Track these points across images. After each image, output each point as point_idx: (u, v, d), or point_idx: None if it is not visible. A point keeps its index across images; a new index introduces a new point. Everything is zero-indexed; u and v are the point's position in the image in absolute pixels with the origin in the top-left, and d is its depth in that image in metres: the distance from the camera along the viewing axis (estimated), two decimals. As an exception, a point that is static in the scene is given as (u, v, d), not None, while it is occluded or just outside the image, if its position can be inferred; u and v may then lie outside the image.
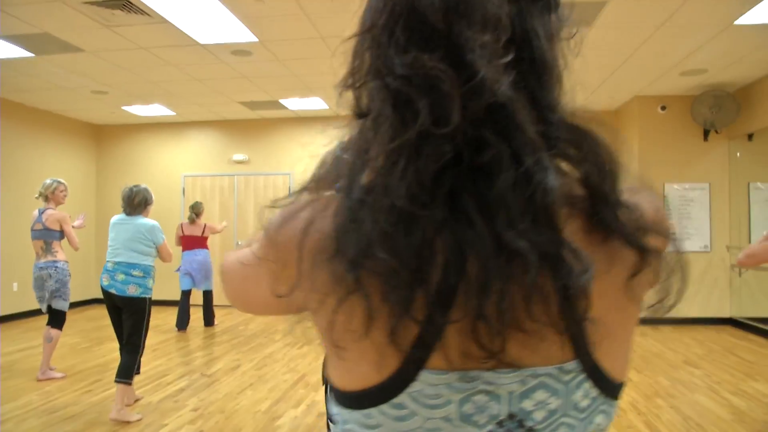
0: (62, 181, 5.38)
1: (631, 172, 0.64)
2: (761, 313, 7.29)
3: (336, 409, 0.61)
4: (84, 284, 9.04)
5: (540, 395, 0.56)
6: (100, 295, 4.28)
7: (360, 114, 0.61)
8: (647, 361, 5.74)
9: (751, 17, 4.96)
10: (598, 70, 6.64)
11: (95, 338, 6.83)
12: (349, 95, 0.62)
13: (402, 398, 0.55)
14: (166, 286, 8.27)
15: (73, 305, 8.71)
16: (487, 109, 0.52)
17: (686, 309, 7.83)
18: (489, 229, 0.50)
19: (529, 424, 0.56)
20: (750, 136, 7.67)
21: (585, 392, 0.57)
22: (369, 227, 0.52)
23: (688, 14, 4.88)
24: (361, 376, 0.57)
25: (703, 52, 5.96)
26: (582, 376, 0.56)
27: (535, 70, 0.56)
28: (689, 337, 6.90)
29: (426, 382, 0.54)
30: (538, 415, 0.56)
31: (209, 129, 9.71)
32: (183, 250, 7.40)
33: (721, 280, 7.87)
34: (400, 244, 0.51)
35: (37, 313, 8.32)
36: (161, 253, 4.32)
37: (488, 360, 0.52)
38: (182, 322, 7.30)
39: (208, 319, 7.62)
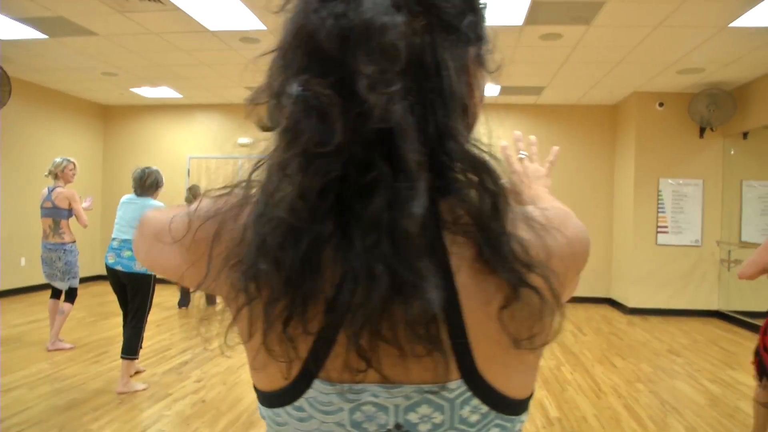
0: (72, 159, 5.55)
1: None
2: (747, 307, 7.49)
3: (259, 407, 0.68)
4: (90, 261, 9.25)
5: (424, 410, 0.59)
6: (104, 272, 4.46)
7: (263, 128, 0.64)
8: (632, 348, 5.97)
9: (745, 20, 5.11)
10: (597, 66, 6.81)
11: (100, 313, 7.06)
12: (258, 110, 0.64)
13: (301, 402, 0.60)
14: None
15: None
16: (377, 133, 0.53)
17: (675, 301, 8.07)
18: (364, 248, 0.53)
19: None
20: (745, 135, 7.84)
21: (473, 408, 0.59)
22: (256, 239, 0.56)
23: (683, 16, 5.04)
24: (269, 378, 0.62)
25: (699, 52, 6.12)
26: (468, 394, 0.58)
27: (442, 99, 0.57)
28: (676, 328, 7.12)
29: (319, 390, 0.59)
30: (423, 428, 0.59)
31: (215, 112, 9.88)
32: None
33: (710, 274, 8.08)
34: (282, 256, 0.54)
35: (43, 287, 8.56)
36: None
37: (363, 375, 0.56)
38: (184, 300, 7.53)
39: (210, 298, 7.74)
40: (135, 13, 5.47)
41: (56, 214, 5.28)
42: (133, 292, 4.30)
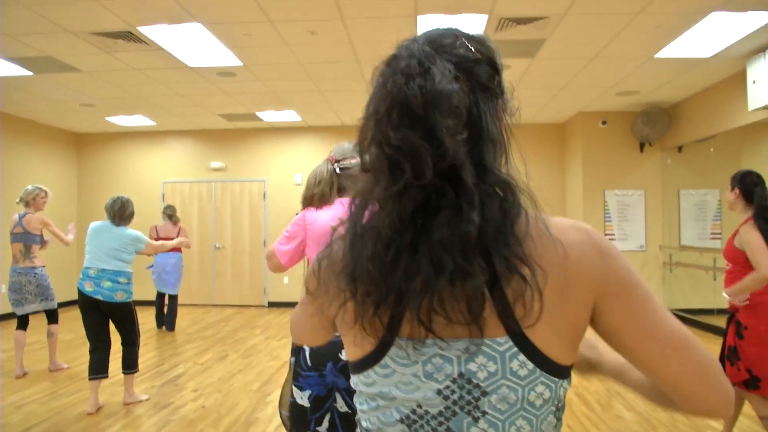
0: (43, 187, 5.70)
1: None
2: (690, 305, 8.24)
3: (352, 378, 0.87)
4: (68, 287, 9.50)
5: (481, 359, 0.75)
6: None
7: (365, 169, 0.81)
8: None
9: (667, 52, 5.85)
10: (543, 91, 7.51)
11: (87, 334, 7.35)
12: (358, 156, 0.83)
13: (386, 360, 0.79)
14: (141, 287, 8.85)
15: (59, 305, 9.19)
16: (449, 168, 0.74)
17: (624, 302, 8.76)
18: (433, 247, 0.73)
19: (475, 381, 0.75)
20: (680, 148, 8.65)
21: (520, 363, 0.75)
22: (362, 250, 0.78)
23: (614, 49, 5.75)
24: (362, 349, 0.82)
25: (632, 78, 6.87)
26: (515, 349, 0.75)
27: (482, 141, 0.78)
28: (625, 327, 7.79)
29: (399, 347, 0.78)
30: (481, 375, 0.75)
31: (187, 138, 10.28)
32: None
33: (655, 276, 8.84)
34: (375, 262, 0.76)
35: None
36: (147, 251, 4.74)
37: (428, 334, 0.76)
38: (161, 322, 7.77)
39: (171, 324, 7.67)
40: (120, 53, 5.91)
41: (27, 239, 5.44)
42: (120, 320, 4.48)
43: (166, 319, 7.67)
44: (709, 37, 5.37)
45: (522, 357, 0.74)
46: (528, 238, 0.77)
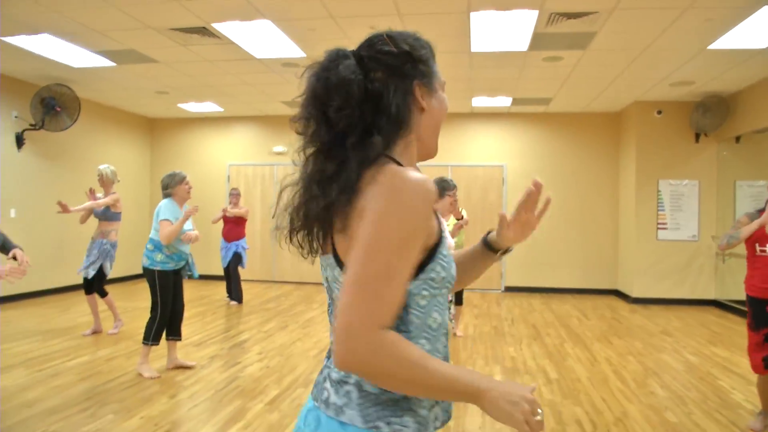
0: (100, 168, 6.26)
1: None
2: (742, 296, 8.24)
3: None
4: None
5: (327, 272, 1.16)
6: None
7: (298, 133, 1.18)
8: (630, 330, 6.80)
9: (720, 44, 5.92)
10: (597, 81, 7.65)
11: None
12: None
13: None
14: (211, 261, 9.53)
15: (131, 277, 10.00)
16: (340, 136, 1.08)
17: (675, 291, 8.86)
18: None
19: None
20: (737, 139, 8.61)
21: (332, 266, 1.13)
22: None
23: (665, 42, 5.87)
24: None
25: (686, 69, 6.93)
26: (333, 260, 1.12)
27: (378, 113, 1.08)
28: (674, 315, 7.92)
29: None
30: (331, 280, 1.15)
31: (252, 123, 10.87)
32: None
33: (707, 266, 8.86)
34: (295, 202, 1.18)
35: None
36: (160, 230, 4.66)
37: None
38: (235, 295, 8.40)
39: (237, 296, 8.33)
40: (195, 46, 6.44)
41: (105, 216, 6.16)
42: (148, 286, 4.78)
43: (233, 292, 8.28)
44: (763, 28, 5.42)
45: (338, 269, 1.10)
46: (366, 184, 1.02)
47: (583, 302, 8.90)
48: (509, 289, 10.08)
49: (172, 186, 4.79)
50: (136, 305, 7.79)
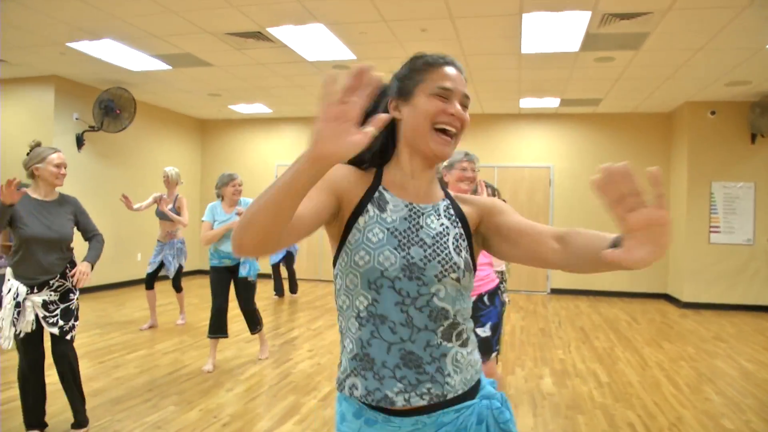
0: (166, 169, 6.57)
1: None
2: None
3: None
4: (192, 258, 10.58)
5: None
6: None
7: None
8: (681, 335, 6.68)
9: (779, 43, 5.77)
10: (648, 81, 7.52)
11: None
12: None
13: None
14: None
15: (194, 272, 10.25)
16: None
17: (728, 296, 8.63)
18: None
19: None
20: (795, 140, 8.35)
21: None
22: None
23: (722, 41, 5.75)
24: None
25: (743, 68, 6.76)
26: None
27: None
28: (726, 320, 7.73)
29: None
30: None
31: (300, 124, 11.05)
32: None
33: (763, 270, 8.61)
34: None
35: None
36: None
37: None
38: (279, 290, 8.81)
39: (291, 287, 8.98)
40: (249, 50, 6.62)
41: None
42: None
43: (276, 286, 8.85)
44: (825, 27, 5.27)
45: None
46: None
47: (632, 306, 8.76)
48: (555, 291, 9.99)
49: (220, 187, 4.96)
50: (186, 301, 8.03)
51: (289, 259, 8.66)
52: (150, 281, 6.39)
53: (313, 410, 3.93)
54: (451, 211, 1.30)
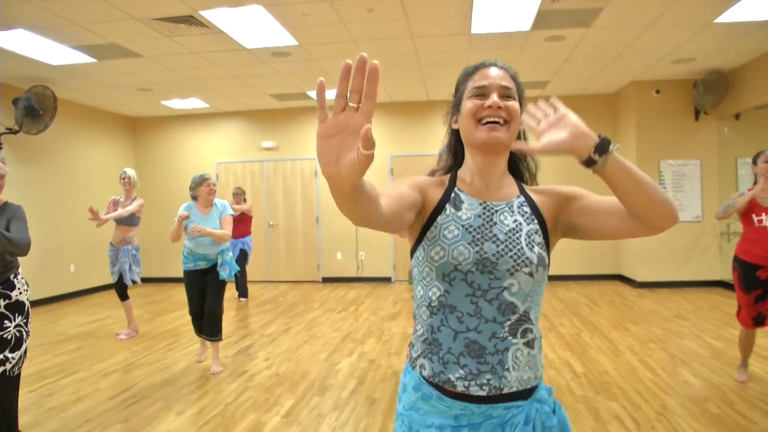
0: (125, 170, 6.22)
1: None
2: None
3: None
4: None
5: None
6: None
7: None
8: (643, 316, 6.61)
9: (728, 16, 5.71)
10: (597, 61, 7.41)
11: (162, 309, 7.70)
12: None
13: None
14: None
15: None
16: None
17: (680, 273, 8.70)
18: None
19: None
20: (737, 116, 8.45)
21: None
22: None
23: (673, 15, 5.64)
24: None
25: (689, 45, 6.72)
26: None
27: None
28: (682, 297, 7.76)
29: None
30: None
31: (239, 119, 10.51)
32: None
33: (712, 246, 8.71)
34: None
35: (92, 291, 9.25)
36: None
37: None
38: (242, 292, 8.51)
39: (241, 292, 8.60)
40: (181, 37, 6.09)
41: (128, 221, 6.16)
42: None
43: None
44: (772, -2, 5.22)
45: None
46: None
47: (588, 288, 8.71)
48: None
49: (194, 188, 4.87)
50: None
51: (242, 258, 8.11)
52: (122, 291, 6.10)
53: (277, 429, 3.55)
54: (525, 208, 1.35)
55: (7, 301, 2.87)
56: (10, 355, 2.84)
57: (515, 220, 1.30)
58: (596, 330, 5.97)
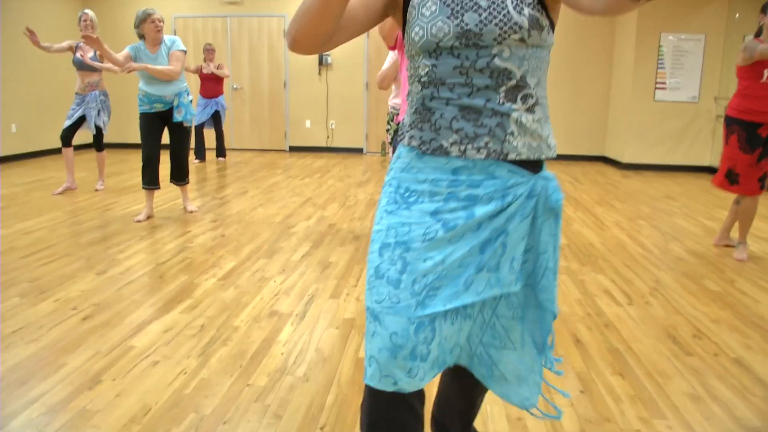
0: (84, 11, 5.40)
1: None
2: (739, 162, 7.64)
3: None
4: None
5: None
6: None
7: None
8: (630, 195, 6.14)
9: None
10: None
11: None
12: None
13: None
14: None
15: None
16: None
17: (669, 156, 8.20)
18: None
19: None
20: (752, -15, 7.61)
21: None
22: None
23: None
24: None
25: None
26: None
27: None
28: (670, 180, 7.30)
29: None
30: None
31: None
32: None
33: (705, 130, 8.16)
34: None
35: (39, 154, 8.47)
36: None
37: None
38: (200, 154, 7.99)
39: (199, 153, 8.07)
40: None
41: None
42: None
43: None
44: None
45: None
46: None
47: (571, 168, 8.20)
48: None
49: (138, 26, 4.46)
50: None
51: (216, 118, 7.80)
52: (67, 137, 5.57)
53: (209, 292, 3.03)
54: None
55: None
56: None
57: None
58: (579, 205, 5.50)
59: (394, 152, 3.44)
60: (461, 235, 1.11)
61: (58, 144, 8.56)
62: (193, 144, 7.87)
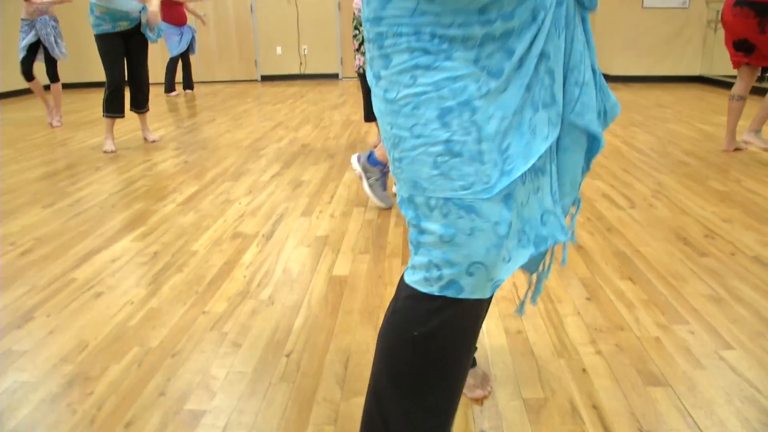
0: None
1: None
2: (731, 71, 7.31)
3: None
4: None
5: None
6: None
7: None
8: (621, 104, 5.81)
9: None
10: None
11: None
12: None
13: None
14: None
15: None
16: None
17: (657, 66, 7.84)
18: None
19: None
20: None
21: None
22: None
23: None
24: None
25: None
26: None
27: None
28: (661, 91, 6.97)
29: None
30: None
31: None
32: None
33: (695, 37, 7.77)
34: None
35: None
36: None
37: None
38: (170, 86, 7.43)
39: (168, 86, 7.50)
40: None
41: None
42: None
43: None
44: None
45: None
46: None
47: (558, 84, 7.83)
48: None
49: None
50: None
51: (188, 47, 7.22)
52: (28, 70, 5.13)
53: (166, 218, 2.72)
54: None
55: None
56: None
57: None
58: (570, 117, 5.18)
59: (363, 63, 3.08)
60: (509, 79, 0.88)
61: (12, 86, 8.00)
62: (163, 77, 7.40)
